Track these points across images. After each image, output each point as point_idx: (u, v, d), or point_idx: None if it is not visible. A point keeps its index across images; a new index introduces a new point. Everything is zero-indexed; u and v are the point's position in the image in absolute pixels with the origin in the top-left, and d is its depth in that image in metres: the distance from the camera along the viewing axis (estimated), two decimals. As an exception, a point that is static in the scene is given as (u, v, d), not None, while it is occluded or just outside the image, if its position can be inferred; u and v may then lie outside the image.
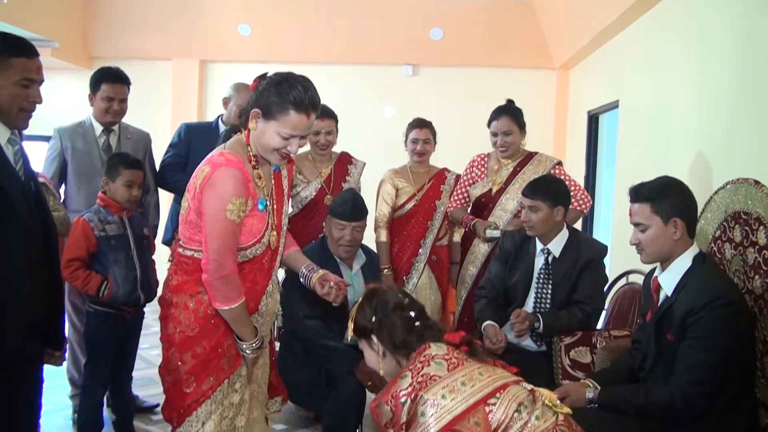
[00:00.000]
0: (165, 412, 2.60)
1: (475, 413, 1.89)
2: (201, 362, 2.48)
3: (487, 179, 4.22)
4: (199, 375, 2.47)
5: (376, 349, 2.20)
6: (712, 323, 2.34)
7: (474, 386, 1.92)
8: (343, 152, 4.41)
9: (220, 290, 2.41)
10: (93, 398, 3.58)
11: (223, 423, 2.49)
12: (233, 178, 2.38)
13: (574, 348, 3.21)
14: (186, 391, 2.47)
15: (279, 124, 2.41)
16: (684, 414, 2.39)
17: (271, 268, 2.65)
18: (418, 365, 1.97)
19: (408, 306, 2.22)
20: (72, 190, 4.01)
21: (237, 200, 2.37)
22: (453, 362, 1.98)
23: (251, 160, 2.51)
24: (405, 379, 1.96)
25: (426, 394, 1.90)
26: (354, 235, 3.51)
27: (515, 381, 2.02)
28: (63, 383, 4.23)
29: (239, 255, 2.48)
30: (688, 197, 2.59)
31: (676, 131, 4.26)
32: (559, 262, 3.44)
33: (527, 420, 1.90)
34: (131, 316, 3.64)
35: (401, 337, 2.14)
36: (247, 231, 2.48)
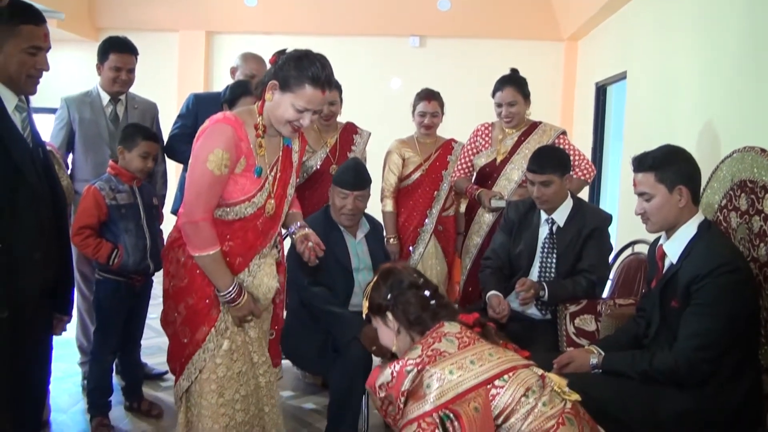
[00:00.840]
0: (170, 363, 2.73)
1: (477, 396, 1.91)
2: (192, 312, 2.59)
3: (491, 149, 4.22)
4: (192, 325, 2.59)
5: (391, 326, 2.23)
6: (716, 290, 2.36)
7: (483, 366, 1.94)
8: (348, 122, 4.40)
9: (190, 236, 2.51)
10: (102, 365, 3.62)
11: (218, 369, 2.58)
12: (223, 133, 2.48)
13: (578, 316, 3.23)
14: (183, 341, 2.61)
15: (295, 97, 2.49)
16: (687, 379, 2.41)
17: (267, 232, 2.70)
18: (430, 340, 2.00)
19: (423, 285, 2.25)
20: (79, 159, 4.03)
21: (220, 153, 2.44)
22: (464, 341, 2.00)
23: (257, 128, 2.58)
24: (415, 351, 1.98)
25: (433, 367, 1.92)
26: (356, 204, 3.52)
27: (525, 365, 2.04)
28: (73, 352, 4.28)
29: (230, 211, 2.56)
30: (691, 165, 2.59)
31: (684, 101, 4.24)
32: (563, 231, 3.44)
33: (534, 405, 1.92)
34: (140, 284, 3.67)
35: (416, 314, 2.17)
36: (239, 189, 2.55)
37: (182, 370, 2.62)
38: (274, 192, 2.67)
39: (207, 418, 2.58)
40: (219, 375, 2.59)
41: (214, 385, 2.58)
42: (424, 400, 1.91)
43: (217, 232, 2.55)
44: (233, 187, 2.55)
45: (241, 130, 2.52)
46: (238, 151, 2.51)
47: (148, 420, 3.76)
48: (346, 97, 4.31)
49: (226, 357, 2.61)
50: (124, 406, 3.88)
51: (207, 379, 2.58)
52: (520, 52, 7.56)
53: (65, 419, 3.76)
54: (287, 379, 4.40)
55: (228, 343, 2.61)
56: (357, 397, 3.23)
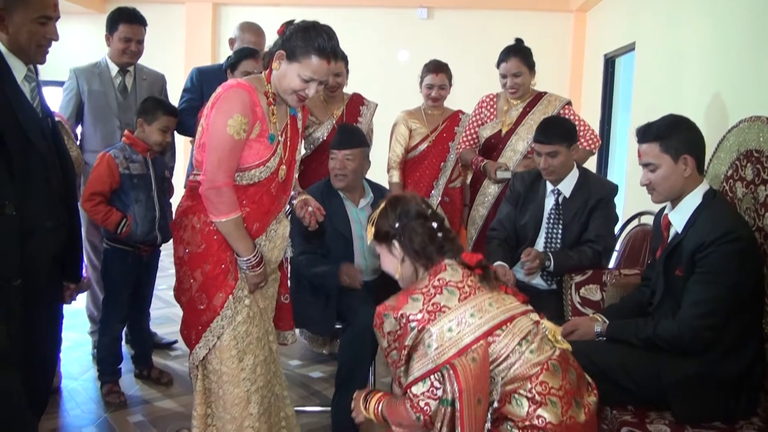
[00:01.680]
0: (183, 332, 2.72)
1: (478, 347, 1.93)
2: (209, 279, 2.59)
3: (496, 120, 4.20)
4: (209, 291, 2.59)
5: (396, 255, 2.23)
6: (720, 259, 2.36)
7: (482, 318, 1.96)
8: (354, 93, 4.38)
9: (213, 202, 2.52)
10: (111, 333, 3.67)
11: (237, 336, 2.60)
12: (240, 98, 2.50)
13: (584, 286, 3.25)
14: (200, 308, 2.60)
15: (301, 67, 2.52)
16: (690, 346, 2.42)
17: (280, 197, 2.74)
18: (432, 290, 2.01)
19: (431, 216, 2.25)
20: (88, 130, 4.05)
21: (239, 117, 2.46)
22: (465, 291, 2.01)
23: (268, 96, 2.61)
24: (417, 302, 1.99)
25: (433, 327, 1.94)
26: (345, 164, 3.51)
27: (523, 312, 2.06)
28: (83, 321, 4.34)
29: (244, 176, 2.58)
30: (696, 133, 2.59)
31: (692, 73, 4.23)
32: (569, 202, 3.45)
33: (523, 352, 1.95)
34: (147, 254, 3.71)
35: (422, 244, 2.16)
36: (254, 153, 2.57)
37: (198, 337, 2.62)
38: (285, 157, 2.70)
39: (228, 384, 2.60)
40: (239, 341, 2.61)
41: (234, 351, 2.59)
42: (426, 359, 1.94)
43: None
44: (248, 151, 2.57)
45: (255, 95, 2.55)
46: (254, 116, 2.53)
47: (158, 387, 3.83)
48: (353, 69, 4.30)
49: (246, 324, 2.63)
50: (134, 373, 3.95)
51: (227, 346, 2.59)
52: (529, 24, 7.52)
53: (76, 386, 3.82)
54: (295, 349, 4.45)
55: (247, 310, 2.64)
56: (364, 365, 3.27)
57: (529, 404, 1.89)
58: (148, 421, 3.42)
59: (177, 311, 5.16)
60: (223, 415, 2.61)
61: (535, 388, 1.90)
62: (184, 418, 3.43)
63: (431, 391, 1.94)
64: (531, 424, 1.87)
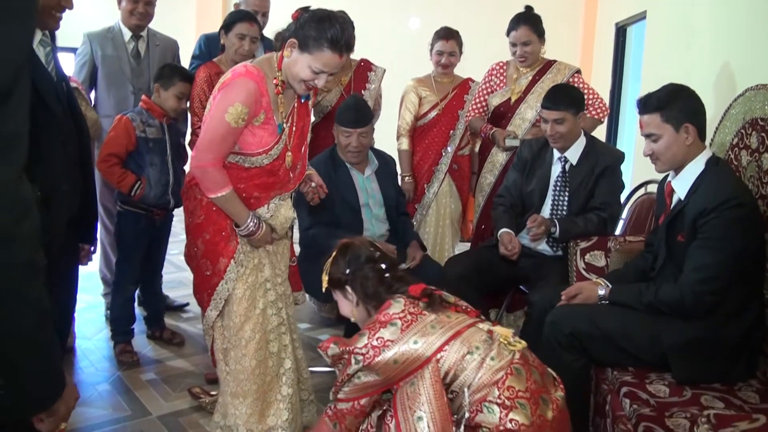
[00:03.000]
0: (197, 295, 2.84)
1: (425, 369, 1.99)
2: (210, 246, 2.69)
3: (506, 88, 4.22)
4: (212, 257, 2.69)
5: (350, 299, 2.30)
6: (722, 224, 2.40)
7: (426, 342, 2.01)
8: (362, 59, 4.38)
9: (200, 179, 2.62)
10: (124, 294, 3.75)
11: (244, 299, 2.69)
12: (246, 88, 2.52)
13: (589, 252, 3.28)
14: (207, 274, 2.71)
15: (312, 58, 2.50)
16: (692, 311, 2.47)
17: (287, 177, 2.77)
18: (377, 325, 2.07)
19: (379, 258, 2.32)
20: (102, 95, 4.08)
21: (240, 107, 2.49)
22: (407, 320, 2.06)
23: (277, 84, 2.62)
24: (363, 338, 2.05)
25: (378, 361, 1.99)
26: (360, 141, 3.56)
27: (470, 324, 2.10)
28: (96, 284, 4.43)
29: (247, 160, 2.63)
30: (695, 101, 2.61)
31: (701, 41, 4.23)
32: (576, 169, 3.48)
33: (482, 360, 1.99)
34: (160, 218, 3.77)
35: (373, 288, 2.24)
36: (257, 141, 2.61)
37: (209, 300, 2.72)
38: (291, 144, 2.73)
39: (240, 338, 2.69)
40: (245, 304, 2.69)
41: (245, 303, 2.68)
42: (366, 386, 2.03)
43: (235, 175, 2.63)
44: (251, 138, 2.60)
45: (263, 85, 2.56)
46: (258, 107, 2.55)
47: (170, 347, 3.91)
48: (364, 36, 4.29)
49: (249, 290, 2.70)
50: (147, 334, 4.04)
51: (239, 299, 2.68)
52: (541, -9, 7.47)
53: (90, 345, 3.91)
54: (304, 313, 4.52)
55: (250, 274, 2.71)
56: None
57: (500, 410, 1.93)
58: (160, 380, 3.50)
59: (188, 275, 5.23)
60: (238, 368, 2.68)
61: (503, 394, 1.95)
62: (195, 377, 3.52)
63: (351, 410, 2.06)
64: (505, 428, 1.92)
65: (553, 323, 2.66)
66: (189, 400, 3.27)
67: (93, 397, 3.30)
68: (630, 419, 2.27)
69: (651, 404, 2.30)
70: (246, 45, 3.70)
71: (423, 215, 4.46)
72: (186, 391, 3.34)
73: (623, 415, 2.32)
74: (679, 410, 2.24)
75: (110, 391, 3.36)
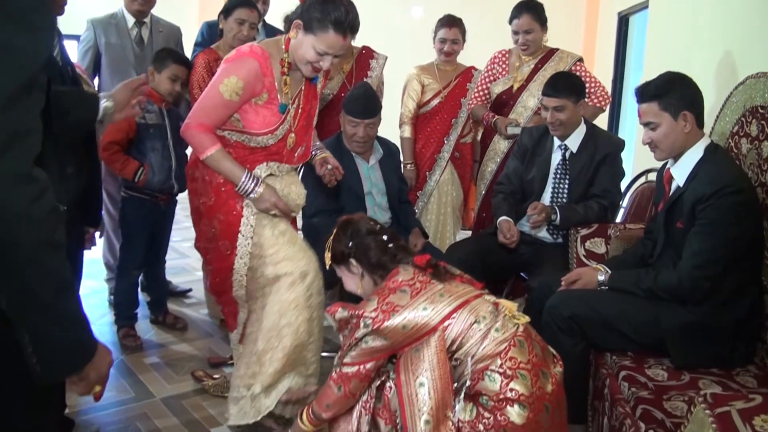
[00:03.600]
0: (216, 280, 2.87)
1: (431, 337, 2.03)
2: (226, 225, 2.74)
3: (508, 76, 4.23)
4: (230, 237, 2.74)
5: (355, 272, 2.34)
6: (719, 211, 2.42)
7: (434, 309, 2.05)
8: (364, 46, 4.38)
9: (190, 142, 2.70)
10: (128, 278, 3.78)
11: (274, 237, 2.75)
12: (246, 66, 2.57)
13: (589, 239, 3.31)
14: (227, 253, 2.75)
15: (317, 40, 2.55)
16: (689, 296, 2.50)
17: (290, 159, 2.82)
18: (386, 291, 2.12)
19: (380, 231, 2.37)
20: (105, 81, 4.09)
21: (235, 80, 2.55)
22: (416, 287, 2.11)
23: (283, 65, 2.66)
24: (372, 302, 2.10)
25: (387, 325, 2.03)
26: (367, 132, 3.57)
27: (476, 295, 2.15)
28: (99, 270, 4.46)
29: (251, 140, 2.68)
30: (693, 89, 2.62)
31: (703, 30, 4.23)
32: (576, 157, 3.49)
33: (487, 331, 2.04)
34: (164, 203, 3.79)
35: (377, 257, 2.28)
36: (261, 121, 2.66)
37: (231, 281, 2.78)
38: (295, 126, 2.76)
39: (275, 305, 2.72)
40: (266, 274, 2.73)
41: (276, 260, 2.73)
42: (374, 350, 2.07)
43: (240, 155, 2.69)
44: (254, 117, 2.65)
45: (267, 65, 2.60)
46: (260, 86, 2.59)
47: (173, 332, 3.94)
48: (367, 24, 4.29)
49: (273, 238, 2.75)
50: (150, 319, 4.07)
51: (270, 256, 2.73)
52: (544, -20, 7.47)
53: (93, 329, 3.89)
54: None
55: (269, 230, 2.76)
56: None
57: (501, 379, 1.98)
58: (163, 363, 3.54)
59: (191, 262, 5.31)
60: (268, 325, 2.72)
61: (506, 364, 1.99)
62: (198, 361, 3.56)
63: (356, 374, 2.08)
64: (505, 397, 1.96)
65: (552, 308, 2.68)
66: (192, 383, 3.30)
67: (97, 379, 3.32)
68: (628, 402, 2.30)
69: (649, 387, 2.33)
70: (245, 30, 3.72)
71: (425, 203, 4.48)
72: (189, 374, 3.37)
73: (621, 398, 2.35)
74: (677, 393, 2.28)
75: (114, 375, 3.38)
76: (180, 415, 3.03)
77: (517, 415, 1.94)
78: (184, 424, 2.96)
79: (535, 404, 1.96)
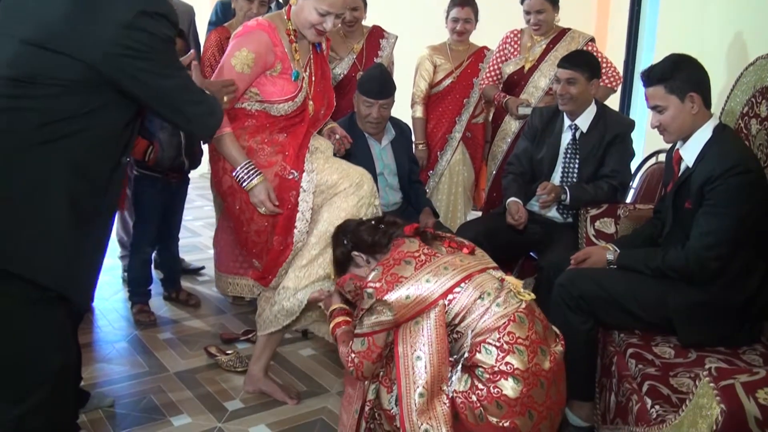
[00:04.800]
0: (251, 256, 2.94)
1: (431, 311, 2.08)
2: (245, 203, 2.80)
3: (519, 56, 4.23)
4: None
5: (361, 263, 2.39)
6: (727, 191, 2.43)
7: (437, 281, 2.09)
8: (374, 26, 4.37)
9: None
10: (141, 256, 3.83)
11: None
12: (256, 38, 2.64)
13: (599, 219, 3.33)
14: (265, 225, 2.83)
15: (317, 0, 2.59)
16: (697, 275, 2.52)
17: (311, 130, 2.87)
18: (391, 261, 2.16)
19: (367, 220, 2.47)
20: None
21: (245, 52, 2.61)
22: (421, 260, 2.15)
23: (290, 34, 2.71)
24: (376, 272, 2.14)
25: (390, 296, 2.07)
26: (381, 113, 3.57)
27: (481, 269, 2.19)
28: (113, 247, 4.49)
29: (273, 108, 2.73)
30: (698, 70, 2.62)
31: (714, 11, 4.22)
32: (586, 137, 3.50)
33: (488, 306, 2.07)
34: (176, 181, 3.83)
35: (370, 237, 2.35)
36: (279, 90, 2.72)
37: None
38: (311, 92, 2.80)
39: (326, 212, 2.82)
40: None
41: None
42: (378, 322, 2.10)
43: (262, 124, 2.75)
44: (272, 88, 2.70)
45: (275, 36, 2.65)
46: (272, 57, 2.64)
47: (186, 308, 4.01)
48: (380, 3, 4.30)
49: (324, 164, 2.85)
50: (163, 296, 4.13)
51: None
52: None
53: (107, 305, 4.00)
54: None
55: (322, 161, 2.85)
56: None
57: (497, 352, 2.02)
58: (177, 339, 3.60)
59: (203, 240, 5.36)
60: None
61: (503, 338, 2.03)
62: (211, 337, 3.61)
63: (367, 352, 2.12)
64: (499, 370, 2.00)
65: (561, 286, 2.71)
66: (205, 358, 3.36)
67: (111, 354, 3.39)
68: (635, 378, 2.34)
69: (656, 364, 2.36)
70: (254, 8, 3.75)
71: (436, 183, 4.49)
72: (202, 349, 3.43)
73: (628, 375, 2.39)
74: (684, 370, 2.31)
75: (128, 349, 3.45)
76: (193, 388, 3.09)
77: (510, 388, 1.98)
78: (197, 396, 3.02)
79: (530, 379, 2.00)
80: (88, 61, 1.76)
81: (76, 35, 1.75)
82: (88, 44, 1.75)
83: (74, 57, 1.75)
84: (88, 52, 1.76)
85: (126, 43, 1.78)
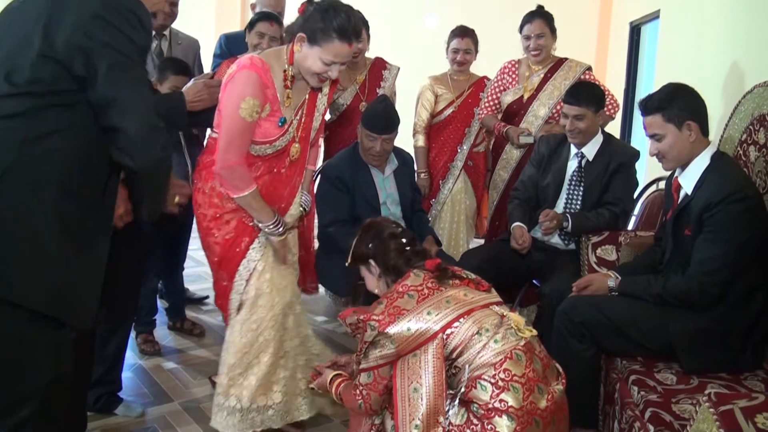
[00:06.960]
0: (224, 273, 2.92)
1: (430, 344, 2.10)
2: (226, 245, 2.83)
3: (518, 86, 4.27)
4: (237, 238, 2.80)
5: (373, 272, 2.42)
6: (726, 217, 2.46)
7: (438, 314, 2.12)
8: (377, 57, 4.43)
9: (228, 179, 2.64)
10: (148, 285, 3.82)
11: (265, 272, 2.80)
12: (251, 80, 2.55)
13: (600, 246, 3.35)
14: (237, 250, 2.82)
15: (322, 51, 2.55)
16: (698, 302, 2.54)
17: (292, 177, 2.86)
18: (395, 295, 2.19)
19: (400, 234, 2.44)
20: (124, 93, 4.15)
21: (251, 100, 2.54)
22: (423, 293, 2.18)
23: (286, 78, 2.66)
24: (380, 306, 2.17)
25: (392, 329, 2.10)
26: (384, 147, 3.59)
27: (484, 305, 2.21)
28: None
29: (251, 147, 2.67)
30: (695, 98, 2.66)
31: (712, 39, 4.28)
32: (592, 165, 3.54)
33: (486, 342, 2.09)
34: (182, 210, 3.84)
35: (393, 261, 2.35)
36: (261, 132, 2.66)
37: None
38: (298, 136, 2.79)
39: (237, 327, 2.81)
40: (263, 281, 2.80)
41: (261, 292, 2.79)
42: (381, 355, 2.13)
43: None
44: (256, 129, 2.64)
45: (267, 77, 2.59)
46: (264, 98, 2.59)
47: (191, 338, 4.01)
48: (381, 34, 4.36)
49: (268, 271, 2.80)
50: (168, 326, 4.14)
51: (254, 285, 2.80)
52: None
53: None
54: (321, 306, 4.62)
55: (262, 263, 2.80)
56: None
57: (492, 389, 2.03)
58: (181, 368, 3.60)
59: (207, 270, 5.30)
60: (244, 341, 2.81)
61: (499, 375, 2.04)
62: (216, 366, 3.52)
63: (374, 384, 2.15)
64: (494, 407, 2.01)
65: (563, 313, 2.73)
66: (210, 388, 3.35)
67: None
68: (638, 405, 2.34)
69: (658, 391, 2.37)
70: (264, 44, 3.78)
71: (438, 211, 4.53)
72: (207, 379, 3.43)
73: (631, 402, 2.40)
74: (686, 397, 2.32)
75: (133, 379, 3.46)
76: (198, 419, 3.09)
77: (504, 426, 1.98)
78: (202, 428, 3.01)
79: (524, 418, 2.00)
80: (58, 57, 1.77)
81: (47, 36, 1.77)
82: (56, 40, 1.77)
83: (45, 54, 1.76)
84: (56, 44, 1.77)
85: (88, 28, 1.77)
